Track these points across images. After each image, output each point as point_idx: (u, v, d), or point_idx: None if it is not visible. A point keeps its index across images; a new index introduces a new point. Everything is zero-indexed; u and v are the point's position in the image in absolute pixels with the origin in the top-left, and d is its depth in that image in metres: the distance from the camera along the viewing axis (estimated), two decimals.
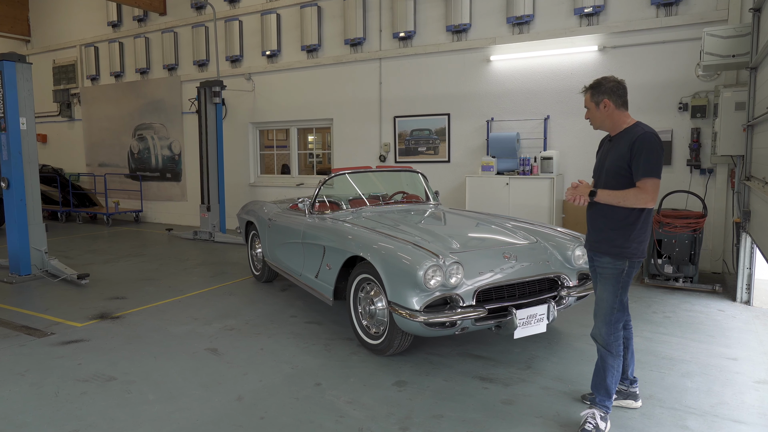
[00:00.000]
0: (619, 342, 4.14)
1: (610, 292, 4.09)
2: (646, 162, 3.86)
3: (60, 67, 18.72)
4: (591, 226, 4.26)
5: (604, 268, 4.11)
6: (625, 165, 3.96)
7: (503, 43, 10.84)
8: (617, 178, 4.02)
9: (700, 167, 9.26)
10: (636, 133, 3.97)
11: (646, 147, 3.88)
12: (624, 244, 4.02)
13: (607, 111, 4.14)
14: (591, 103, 4.21)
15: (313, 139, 15.21)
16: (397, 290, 5.14)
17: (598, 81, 4.18)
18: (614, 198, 3.95)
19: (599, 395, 4.16)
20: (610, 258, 4.06)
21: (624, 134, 4.07)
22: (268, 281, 8.81)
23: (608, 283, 4.09)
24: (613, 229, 4.05)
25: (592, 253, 4.27)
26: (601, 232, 4.12)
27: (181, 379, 5.18)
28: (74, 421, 4.39)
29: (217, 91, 13.03)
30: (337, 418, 4.39)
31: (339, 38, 12.94)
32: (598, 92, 4.15)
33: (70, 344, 6.12)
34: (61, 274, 9.07)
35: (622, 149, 4.00)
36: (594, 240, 4.21)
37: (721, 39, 7.57)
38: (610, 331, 4.10)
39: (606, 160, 4.16)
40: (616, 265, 4.05)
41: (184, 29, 15.57)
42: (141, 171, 17.00)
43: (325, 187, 7.52)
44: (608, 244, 4.07)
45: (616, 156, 4.04)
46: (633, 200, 3.89)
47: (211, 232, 13.18)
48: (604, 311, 4.11)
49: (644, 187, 3.86)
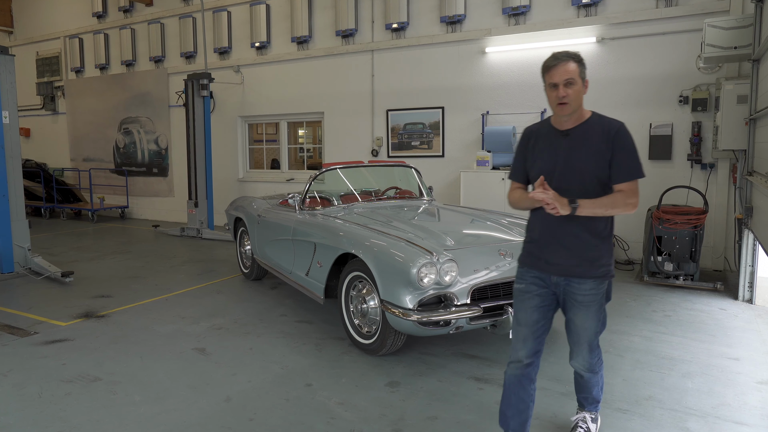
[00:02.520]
0: (601, 359, 3.77)
1: (594, 319, 3.54)
2: (632, 160, 3.35)
3: (43, 59, 18.64)
4: (561, 245, 3.49)
5: (586, 295, 3.48)
6: (605, 164, 3.35)
7: (499, 34, 10.82)
8: (591, 182, 3.39)
9: (701, 162, 9.26)
10: (612, 125, 3.39)
11: (629, 142, 3.36)
12: (608, 261, 3.51)
13: (585, 91, 3.43)
14: (579, 77, 3.38)
15: (304, 133, 15.18)
16: (389, 288, 5.13)
17: (578, 53, 3.45)
18: (601, 207, 3.30)
19: (588, 404, 4.00)
20: (593, 282, 3.47)
21: (590, 127, 3.43)
22: (257, 279, 8.78)
23: (591, 310, 3.51)
24: (595, 246, 3.45)
25: (565, 279, 3.52)
26: (581, 252, 3.45)
27: (167, 379, 5.15)
28: (58, 422, 4.36)
29: (205, 83, 12.99)
30: (328, 419, 4.37)
31: (330, 29, 12.90)
32: (584, 67, 3.43)
33: (54, 344, 6.08)
34: (44, 271, 9.02)
35: (598, 146, 3.36)
36: (569, 263, 3.48)
37: (723, 30, 7.57)
38: (594, 355, 3.69)
39: (570, 159, 3.42)
40: (600, 289, 3.50)
41: (171, 20, 15.51)
42: (127, 166, 16.96)
43: (315, 182, 7.48)
44: (591, 266, 3.46)
45: (590, 153, 3.38)
46: (621, 207, 3.32)
47: (199, 228, 13.14)
48: (589, 340, 3.60)
49: (633, 190, 3.34)
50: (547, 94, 3.47)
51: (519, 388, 3.62)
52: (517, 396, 3.62)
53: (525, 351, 3.59)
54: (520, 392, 3.62)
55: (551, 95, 3.42)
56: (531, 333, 3.58)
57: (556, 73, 3.37)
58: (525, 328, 3.59)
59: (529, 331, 3.58)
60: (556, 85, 3.37)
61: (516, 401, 3.62)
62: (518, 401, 3.62)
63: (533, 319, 3.58)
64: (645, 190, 9.50)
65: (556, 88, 3.37)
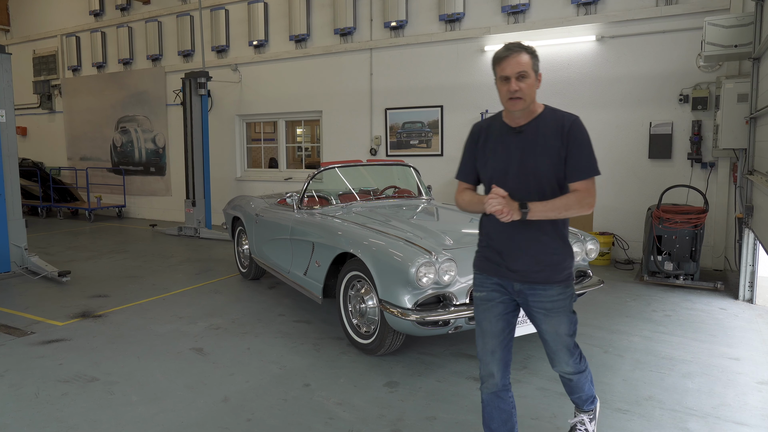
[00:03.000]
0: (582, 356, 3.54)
1: (566, 323, 3.33)
2: (587, 156, 3.12)
3: (40, 57, 18.62)
4: (521, 250, 3.26)
5: (554, 302, 3.27)
6: (559, 162, 3.13)
7: (498, 32, 10.82)
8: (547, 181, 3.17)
9: (701, 161, 9.26)
10: (565, 119, 3.16)
11: (584, 137, 3.13)
12: (571, 263, 3.31)
13: (539, 85, 3.21)
14: (531, 71, 3.14)
15: (302, 132, 15.18)
16: (388, 288, 5.12)
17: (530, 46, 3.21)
18: (554, 210, 3.07)
19: (584, 404, 3.77)
20: (559, 287, 3.27)
21: (542, 122, 3.20)
22: (255, 279, 8.77)
23: (562, 315, 3.30)
24: (557, 249, 3.25)
25: (529, 287, 3.28)
26: (543, 257, 3.24)
27: (165, 379, 5.14)
28: (55, 423, 4.36)
29: (203, 82, 12.96)
30: (326, 420, 4.36)
31: (328, 28, 12.89)
32: (538, 60, 3.20)
33: (51, 344, 6.07)
34: (41, 271, 9.01)
35: (551, 142, 3.13)
36: (532, 269, 3.25)
37: (723, 28, 7.56)
38: (575, 359, 3.47)
39: (523, 158, 3.19)
40: (567, 293, 3.30)
41: (169, 18, 15.49)
42: (124, 165, 16.93)
43: (314, 181, 7.46)
44: (555, 271, 3.25)
45: (544, 151, 3.15)
46: (576, 208, 3.07)
47: (197, 228, 13.13)
48: (566, 346, 3.39)
49: (589, 189, 3.11)
50: (498, 88, 3.22)
51: (499, 401, 3.44)
52: (499, 409, 3.45)
53: (495, 364, 3.39)
54: (501, 405, 3.44)
55: (502, 89, 3.17)
56: (499, 343, 3.37)
57: (507, 65, 3.12)
58: (492, 339, 3.37)
59: (497, 342, 3.37)
60: (507, 78, 3.12)
61: (498, 414, 3.45)
62: (500, 413, 3.45)
63: (499, 328, 3.36)
64: (645, 189, 9.56)
65: (508, 81, 3.12)
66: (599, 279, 6.08)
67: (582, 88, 10.16)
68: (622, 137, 9.80)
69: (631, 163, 9.79)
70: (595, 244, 5.91)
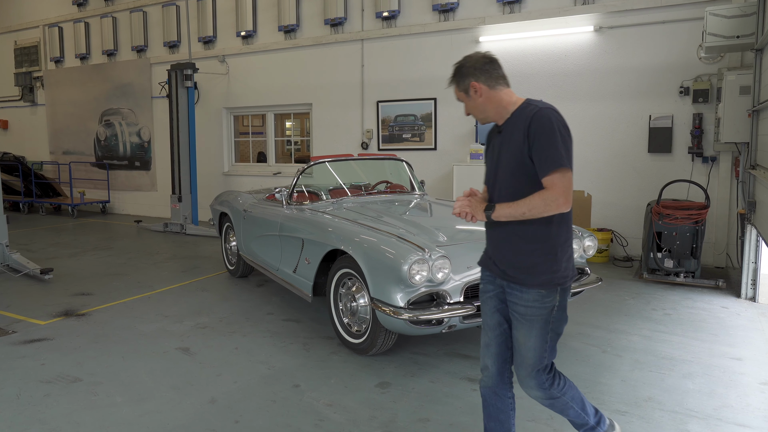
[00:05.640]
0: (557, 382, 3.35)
1: (538, 337, 3.21)
2: (547, 148, 3.01)
3: (22, 48, 18.52)
4: (496, 247, 3.35)
5: (528, 307, 3.18)
6: (524, 159, 3.09)
7: (493, 23, 10.79)
8: (517, 177, 3.15)
9: (703, 155, 9.27)
10: (529, 112, 3.11)
11: (545, 128, 3.03)
12: (552, 267, 3.16)
13: (481, 96, 3.24)
14: (460, 93, 3.31)
15: (291, 125, 15.18)
16: (380, 286, 5.11)
17: (459, 64, 3.30)
18: (516, 210, 3.06)
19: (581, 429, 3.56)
20: (537, 292, 3.16)
21: (514, 119, 3.20)
22: (243, 276, 8.76)
23: (535, 325, 3.20)
24: (530, 252, 3.18)
25: (506, 284, 3.30)
26: (513, 258, 3.23)
27: (150, 380, 5.13)
28: (37, 424, 4.34)
29: (189, 74, 12.92)
30: (316, 421, 4.35)
31: (319, 18, 12.85)
32: (462, 77, 3.27)
33: (33, 343, 6.05)
34: (23, 268, 8.96)
35: (516, 138, 3.13)
36: (506, 267, 3.27)
37: (725, 19, 7.57)
38: (540, 382, 3.30)
39: (500, 157, 3.25)
40: (545, 302, 3.17)
41: (154, 8, 15.42)
42: (108, 159, 16.88)
43: (303, 176, 7.46)
44: (531, 274, 3.17)
45: (512, 148, 3.15)
46: (541, 207, 3.01)
47: (183, 224, 13.10)
48: (531, 362, 3.25)
49: (552, 185, 3.00)
50: None
51: (495, 398, 3.48)
52: (495, 407, 3.49)
53: (489, 357, 3.44)
54: (497, 403, 3.48)
55: None
56: (494, 337, 3.41)
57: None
58: (488, 331, 3.44)
59: (492, 336, 3.42)
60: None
61: (495, 412, 3.49)
62: (497, 412, 3.49)
63: (495, 322, 3.40)
64: (644, 184, 9.57)
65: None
66: (597, 277, 6.08)
67: (579, 81, 10.16)
68: (621, 131, 9.80)
69: (630, 157, 9.78)
70: (593, 240, 5.90)
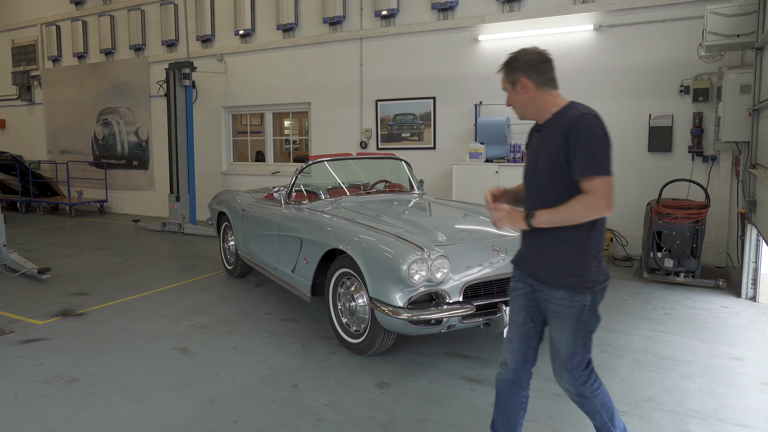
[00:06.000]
0: (591, 382, 3.38)
1: (569, 333, 3.27)
2: (588, 154, 3.02)
3: (19, 47, 18.50)
4: (528, 248, 3.41)
5: (558, 305, 3.24)
6: (561, 162, 3.11)
7: (492, 21, 10.79)
8: (553, 180, 3.18)
9: (703, 154, 9.26)
10: (570, 116, 3.13)
11: (585, 133, 3.04)
12: (580, 271, 3.18)
13: (526, 93, 3.28)
14: (507, 85, 3.35)
15: (290, 124, 15.16)
16: (379, 286, 5.10)
17: (513, 55, 3.33)
18: (557, 216, 3.08)
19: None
20: (564, 293, 3.21)
21: (554, 121, 3.23)
22: (241, 276, 8.76)
23: (565, 323, 3.26)
24: (561, 254, 3.21)
25: (536, 283, 3.35)
26: (547, 258, 3.26)
27: (148, 380, 5.12)
28: (34, 425, 4.34)
29: (187, 73, 12.91)
30: (315, 422, 4.34)
31: (317, 16, 12.83)
32: (513, 69, 3.30)
33: (30, 343, 6.05)
34: (20, 268, 8.95)
35: (554, 140, 3.15)
36: (537, 267, 3.33)
37: (725, 17, 7.56)
38: (573, 377, 3.34)
39: (538, 157, 3.29)
40: (574, 302, 3.21)
41: (152, 7, 15.40)
42: (106, 158, 16.86)
43: (302, 175, 7.46)
44: (559, 275, 3.21)
45: (549, 150, 3.18)
46: (583, 212, 3.03)
47: (181, 223, 13.09)
48: (564, 357, 3.32)
49: (593, 190, 3.00)
50: None
51: (508, 394, 3.53)
52: (506, 402, 3.54)
53: (510, 353, 3.50)
54: (509, 399, 3.53)
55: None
56: (517, 334, 3.47)
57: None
58: (513, 327, 3.50)
59: (516, 332, 3.48)
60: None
61: (505, 408, 3.55)
62: (507, 408, 3.54)
63: (520, 320, 3.46)
64: (644, 184, 9.56)
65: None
66: None
67: (579, 79, 10.14)
68: (621, 130, 9.78)
69: (630, 156, 9.76)
70: None
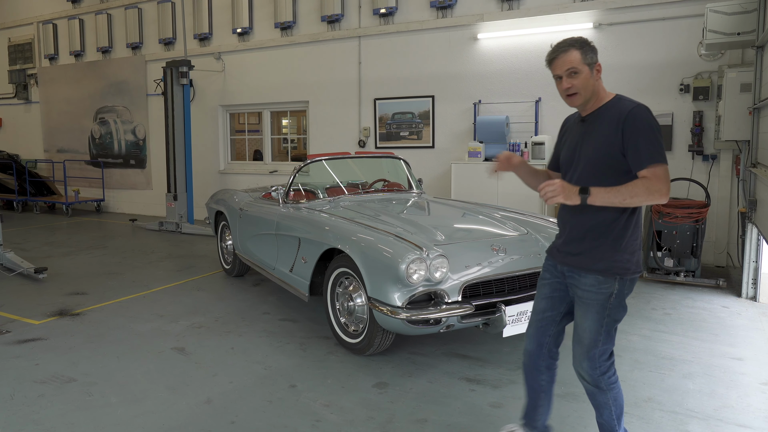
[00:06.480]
0: (609, 374, 3.41)
1: (594, 320, 3.33)
2: (651, 143, 3.08)
3: (16, 45, 18.48)
4: (570, 233, 3.44)
5: (586, 291, 3.33)
6: (615, 152, 3.17)
7: (491, 20, 10.77)
8: (603, 171, 3.22)
9: (703, 153, 9.25)
10: (625, 107, 3.19)
11: (643, 124, 3.11)
12: (613, 255, 3.26)
13: (598, 79, 3.31)
14: (583, 66, 3.26)
15: (288, 123, 15.14)
16: (377, 285, 5.09)
17: (582, 39, 3.31)
18: (616, 196, 3.06)
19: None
20: (594, 277, 3.29)
21: (604, 111, 3.28)
22: (239, 275, 8.75)
23: (591, 310, 3.33)
24: (598, 237, 3.29)
25: (567, 269, 3.46)
26: (582, 242, 3.35)
27: (145, 380, 5.12)
28: (31, 425, 4.33)
29: (185, 71, 12.90)
30: (313, 422, 4.34)
31: (315, 14, 12.82)
32: (592, 51, 3.29)
33: (27, 343, 6.04)
34: (17, 267, 8.94)
35: (607, 131, 3.20)
36: (572, 251, 3.41)
37: (726, 15, 7.55)
38: (593, 365, 3.38)
39: (582, 147, 3.34)
40: (602, 288, 3.28)
41: (149, 5, 15.38)
42: (103, 157, 16.84)
43: (300, 174, 7.44)
44: (591, 258, 3.30)
45: (601, 141, 3.24)
46: (644, 196, 3.03)
47: (178, 222, 13.08)
48: (586, 343, 3.38)
49: (658, 176, 3.04)
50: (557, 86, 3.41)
51: (529, 376, 3.76)
52: (528, 383, 3.78)
53: (529, 339, 3.71)
54: (529, 380, 3.76)
55: (558, 88, 3.38)
56: (537, 320, 3.67)
57: (556, 65, 3.32)
58: (534, 314, 3.70)
59: (536, 318, 3.68)
60: (560, 77, 3.32)
61: (528, 388, 3.79)
62: (529, 388, 3.78)
63: (541, 307, 3.65)
64: None
65: (561, 79, 3.32)
66: None
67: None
68: None
69: None
70: None
